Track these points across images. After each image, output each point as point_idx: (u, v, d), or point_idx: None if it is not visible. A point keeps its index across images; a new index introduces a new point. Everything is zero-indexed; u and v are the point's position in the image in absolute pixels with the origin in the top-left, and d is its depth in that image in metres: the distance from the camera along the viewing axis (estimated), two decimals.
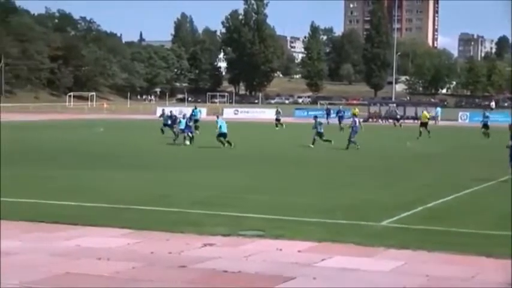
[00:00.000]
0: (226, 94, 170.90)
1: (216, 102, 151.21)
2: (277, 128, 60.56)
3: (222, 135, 39.98)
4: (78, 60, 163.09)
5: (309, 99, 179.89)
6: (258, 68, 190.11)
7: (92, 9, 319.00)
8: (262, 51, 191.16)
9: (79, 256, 13.41)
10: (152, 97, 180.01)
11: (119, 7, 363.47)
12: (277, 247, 14.24)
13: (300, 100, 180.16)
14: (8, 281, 11.44)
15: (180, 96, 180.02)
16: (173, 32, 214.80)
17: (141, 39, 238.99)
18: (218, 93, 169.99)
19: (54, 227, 16.26)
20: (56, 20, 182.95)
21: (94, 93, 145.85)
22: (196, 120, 51.64)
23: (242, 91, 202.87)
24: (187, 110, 59.44)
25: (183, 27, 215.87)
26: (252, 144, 43.80)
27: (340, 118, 64.53)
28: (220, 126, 40.04)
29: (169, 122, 47.23)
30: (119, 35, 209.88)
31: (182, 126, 42.90)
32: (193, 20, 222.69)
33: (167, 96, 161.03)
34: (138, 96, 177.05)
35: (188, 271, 12.35)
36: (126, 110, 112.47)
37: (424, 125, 52.93)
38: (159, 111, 72.60)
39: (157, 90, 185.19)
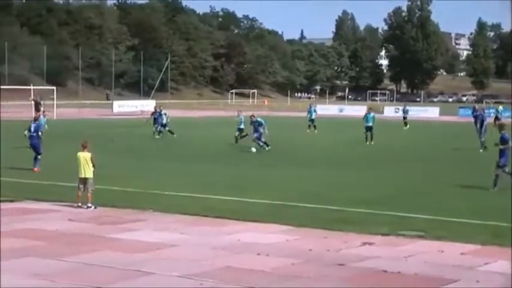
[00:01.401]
0: (387, 92, 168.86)
1: (376, 100, 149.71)
2: (405, 128, 58.25)
3: (239, 130, 39.77)
4: (240, 58, 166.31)
5: (474, 97, 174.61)
6: (420, 66, 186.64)
7: (255, 8, 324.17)
8: (425, 48, 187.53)
9: (240, 251, 13.66)
10: (312, 95, 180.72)
11: (281, 5, 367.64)
12: (438, 249, 13.92)
13: (464, 98, 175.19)
14: (169, 273, 11.82)
15: (340, 94, 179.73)
16: (334, 30, 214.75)
17: (302, 36, 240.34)
18: (379, 91, 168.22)
19: (217, 222, 16.65)
20: (220, 19, 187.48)
21: (255, 90, 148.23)
22: (164, 125, 44.67)
23: (403, 89, 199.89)
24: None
25: (344, 24, 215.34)
26: (405, 144, 42.97)
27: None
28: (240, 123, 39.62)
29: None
30: (280, 32, 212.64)
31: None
32: (355, 17, 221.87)
33: (327, 94, 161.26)
34: (298, 94, 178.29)
35: (346, 269, 12.30)
36: (286, 107, 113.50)
37: None
38: (319, 109, 72.33)
39: (317, 88, 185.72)
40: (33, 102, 61.34)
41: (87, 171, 18.59)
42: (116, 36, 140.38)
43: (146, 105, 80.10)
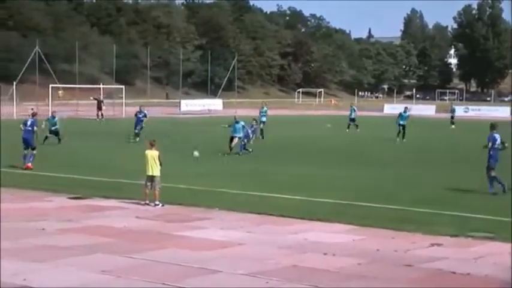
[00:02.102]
0: (456, 91, 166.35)
1: (445, 100, 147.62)
2: (452, 127, 57.68)
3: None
4: (307, 57, 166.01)
5: None
6: (491, 64, 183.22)
7: (322, 7, 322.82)
8: (496, 46, 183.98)
9: (305, 250, 13.60)
10: (379, 94, 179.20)
11: (348, 4, 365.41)
12: (508, 251, 13.62)
13: None
14: (235, 271, 11.83)
15: (407, 93, 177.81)
16: (402, 28, 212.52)
17: (370, 35, 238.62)
18: (448, 91, 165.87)
19: (282, 220, 16.62)
20: (287, 18, 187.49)
21: (322, 89, 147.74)
22: (55, 132, 36.28)
23: (473, 88, 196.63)
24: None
25: (412, 23, 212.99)
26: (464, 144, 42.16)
27: None
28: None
29: None
30: (347, 31, 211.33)
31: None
32: (424, 15, 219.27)
33: (395, 93, 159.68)
34: (366, 93, 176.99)
35: (414, 270, 12.12)
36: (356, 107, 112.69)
37: None
38: (387, 108, 71.90)
39: (385, 87, 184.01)
40: (95, 100, 62.58)
41: (155, 169, 18.74)
42: (183, 36, 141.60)
43: (213, 104, 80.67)
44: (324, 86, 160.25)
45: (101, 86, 73.64)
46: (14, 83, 65.73)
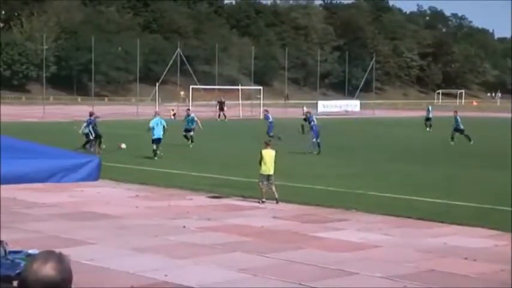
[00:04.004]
0: None
1: None
2: None
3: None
4: (448, 57, 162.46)
5: None
6: None
7: (464, 6, 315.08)
8: None
9: (445, 254, 13.29)
10: None
11: (491, 3, 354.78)
12: None
13: None
14: (372, 273, 11.71)
15: None
16: None
17: None
18: None
19: (421, 223, 16.32)
20: (427, 18, 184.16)
21: (463, 90, 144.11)
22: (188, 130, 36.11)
23: None
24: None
25: None
26: None
27: None
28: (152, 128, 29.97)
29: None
30: (491, 31, 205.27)
31: None
32: None
33: None
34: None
35: None
36: (495, 108, 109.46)
37: None
38: None
39: None
40: (217, 102, 63.88)
41: (271, 168, 18.98)
42: (321, 37, 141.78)
43: (350, 106, 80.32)
44: (465, 86, 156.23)
45: (240, 87, 74.80)
46: (157, 84, 67.83)
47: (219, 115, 61.39)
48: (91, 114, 33.39)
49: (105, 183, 21.30)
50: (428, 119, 51.24)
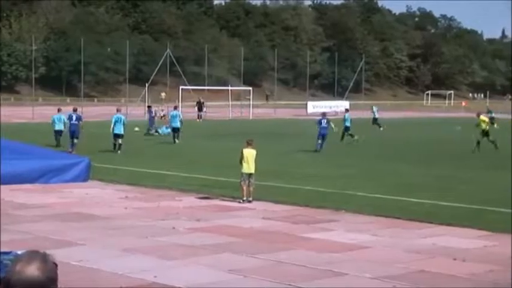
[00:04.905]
0: None
1: None
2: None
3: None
4: (437, 58, 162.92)
5: None
6: None
7: (453, 7, 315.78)
8: None
9: (434, 255, 13.32)
10: None
11: (480, 4, 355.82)
12: None
13: None
14: (362, 274, 11.72)
15: None
16: None
17: (503, 35, 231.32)
18: None
19: (411, 224, 16.35)
20: (416, 19, 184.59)
21: (452, 91, 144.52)
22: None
23: None
24: None
25: None
26: None
27: None
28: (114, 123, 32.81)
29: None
30: (479, 32, 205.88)
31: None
32: None
33: None
34: (499, 95, 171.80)
35: None
36: (484, 108, 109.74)
37: None
38: None
39: None
40: (196, 103, 64.16)
41: (252, 167, 19.12)
42: (311, 37, 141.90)
43: (340, 106, 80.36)
44: (454, 87, 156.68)
45: (229, 87, 74.75)
46: (146, 85, 67.74)
47: (199, 116, 61.47)
48: (75, 110, 34.90)
49: (94, 184, 21.28)
50: (375, 119, 53.59)
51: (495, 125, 44.88)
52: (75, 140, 32.07)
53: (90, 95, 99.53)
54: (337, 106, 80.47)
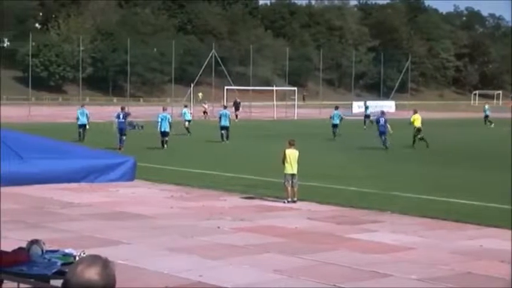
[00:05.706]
0: None
1: None
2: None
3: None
4: (484, 58, 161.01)
5: None
6: None
7: (502, 6, 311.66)
8: None
9: (481, 257, 13.17)
10: None
11: None
12: None
13: None
14: (407, 276, 11.63)
15: None
16: None
17: None
18: None
19: (457, 226, 16.18)
20: (464, 18, 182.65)
21: (500, 91, 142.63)
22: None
23: None
24: None
25: None
26: None
27: None
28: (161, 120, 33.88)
29: None
30: None
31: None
32: None
33: None
34: None
35: None
36: None
37: None
38: None
39: None
40: (233, 103, 64.02)
41: (295, 167, 19.05)
42: (356, 37, 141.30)
43: (385, 106, 79.87)
44: (502, 87, 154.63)
45: (274, 88, 74.77)
46: (192, 85, 68.11)
47: (236, 115, 61.50)
48: (122, 109, 35.88)
49: (140, 184, 21.43)
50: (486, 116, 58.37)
51: None
52: (123, 137, 33.13)
53: (136, 95, 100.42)
54: (382, 106, 79.99)
